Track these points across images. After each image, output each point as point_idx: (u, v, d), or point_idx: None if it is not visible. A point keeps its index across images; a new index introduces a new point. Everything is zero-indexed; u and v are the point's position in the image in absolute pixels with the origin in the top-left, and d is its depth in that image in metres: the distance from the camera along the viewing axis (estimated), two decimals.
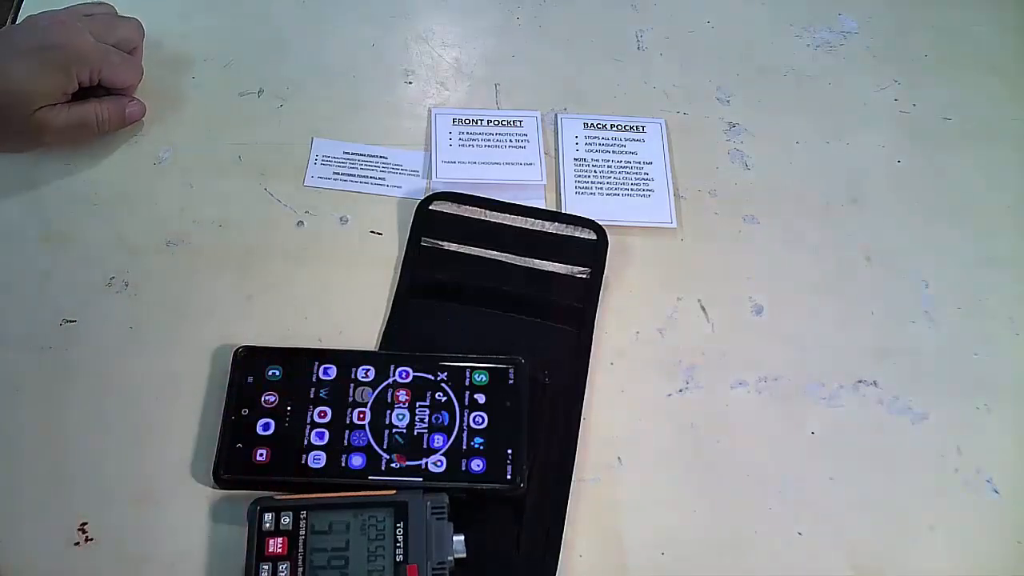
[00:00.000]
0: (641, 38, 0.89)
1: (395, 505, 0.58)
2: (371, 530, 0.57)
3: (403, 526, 0.57)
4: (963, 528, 0.65)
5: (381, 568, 0.56)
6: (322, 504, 0.58)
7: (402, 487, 0.60)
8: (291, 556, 0.56)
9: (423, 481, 0.61)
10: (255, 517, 0.57)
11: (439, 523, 0.57)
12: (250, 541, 0.57)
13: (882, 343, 0.72)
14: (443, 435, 0.62)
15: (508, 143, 0.80)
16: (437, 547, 0.57)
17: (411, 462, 0.61)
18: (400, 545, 0.57)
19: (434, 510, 0.58)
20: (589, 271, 0.72)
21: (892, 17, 0.92)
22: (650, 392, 0.68)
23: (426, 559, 0.56)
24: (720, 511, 0.64)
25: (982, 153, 0.83)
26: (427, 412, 0.63)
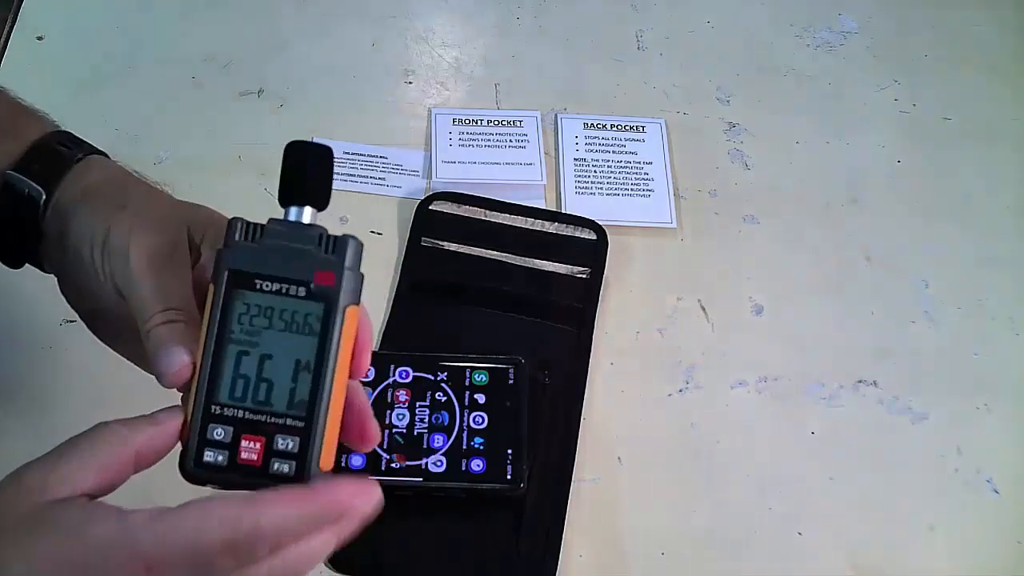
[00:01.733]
0: (641, 38, 0.89)
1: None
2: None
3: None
4: (963, 528, 0.64)
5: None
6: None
7: (401, 488, 0.60)
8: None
9: (423, 482, 0.61)
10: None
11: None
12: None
13: (882, 343, 0.72)
14: (443, 435, 0.62)
15: (508, 143, 0.80)
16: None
17: (411, 462, 0.61)
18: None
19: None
20: (589, 271, 0.72)
21: (892, 17, 0.92)
22: (650, 392, 0.68)
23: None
24: (720, 511, 0.64)
25: (982, 153, 0.83)
26: (427, 412, 0.63)
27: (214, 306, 0.42)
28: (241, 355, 0.42)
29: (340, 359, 0.42)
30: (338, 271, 0.42)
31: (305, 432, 0.42)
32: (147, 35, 0.85)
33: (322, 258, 0.42)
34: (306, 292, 0.42)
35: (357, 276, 0.43)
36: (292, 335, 0.42)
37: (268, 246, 0.43)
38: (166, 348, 0.43)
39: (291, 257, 0.42)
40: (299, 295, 0.42)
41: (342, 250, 0.43)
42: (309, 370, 0.42)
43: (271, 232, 0.43)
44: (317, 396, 0.42)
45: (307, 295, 0.42)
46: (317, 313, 0.42)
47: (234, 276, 0.42)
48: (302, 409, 0.42)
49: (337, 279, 0.42)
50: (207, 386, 0.42)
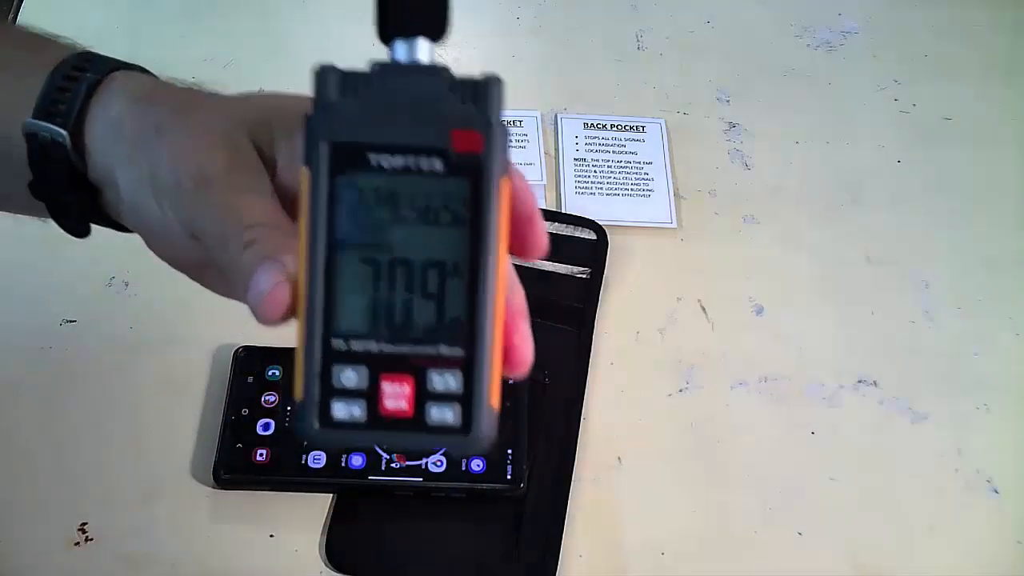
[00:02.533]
0: (641, 38, 0.89)
1: None
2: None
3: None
4: (963, 528, 0.64)
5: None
6: None
7: (401, 488, 0.60)
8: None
9: (423, 481, 0.61)
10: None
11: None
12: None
13: (882, 343, 0.72)
14: None
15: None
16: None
17: (411, 462, 0.61)
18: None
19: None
20: (589, 271, 0.72)
21: (892, 17, 0.92)
22: (650, 392, 0.68)
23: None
24: (720, 511, 0.64)
25: (982, 153, 0.83)
26: None
27: (313, 199, 0.30)
28: (363, 264, 0.31)
29: (500, 253, 0.31)
30: (485, 129, 0.31)
31: (468, 362, 0.31)
32: (147, 35, 0.85)
33: (460, 111, 0.31)
34: (444, 164, 0.31)
35: (506, 132, 0.32)
36: (431, 228, 0.31)
37: (379, 101, 0.31)
38: (256, 276, 0.33)
39: (415, 114, 0.31)
40: (435, 170, 0.30)
41: (485, 96, 0.31)
42: (461, 275, 0.31)
43: (379, 80, 0.31)
44: (478, 310, 0.31)
45: (446, 169, 0.30)
46: (463, 193, 0.31)
47: (337, 151, 0.30)
48: (459, 331, 0.31)
49: (486, 141, 0.31)
50: (321, 314, 0.31)
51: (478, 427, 0.31)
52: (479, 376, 0.31)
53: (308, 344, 0.31)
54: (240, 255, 0.34)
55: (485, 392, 0.31)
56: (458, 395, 0.31)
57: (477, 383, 0.31)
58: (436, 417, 0.31)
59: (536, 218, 0.34)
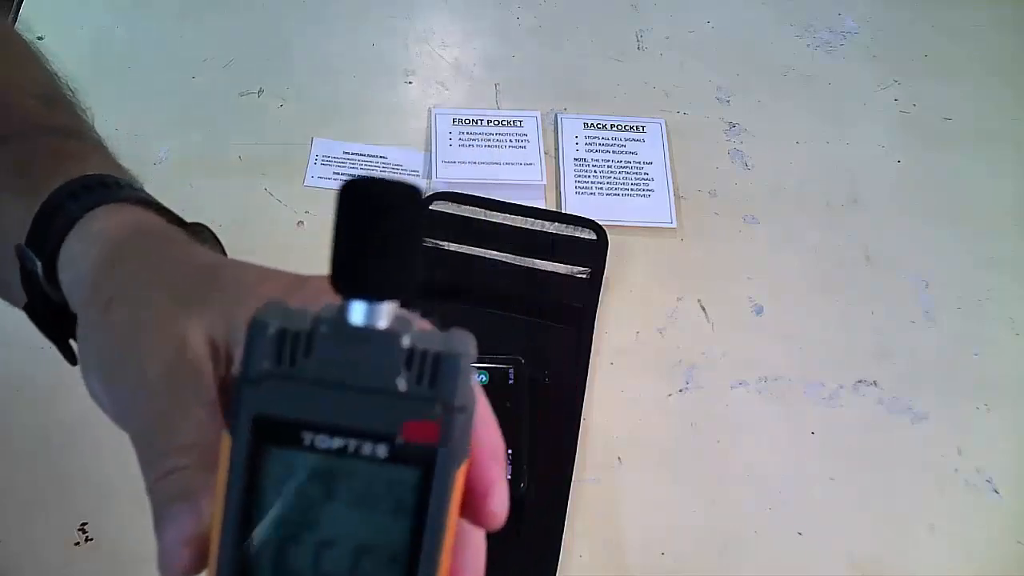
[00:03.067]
0: (641, 38, 0.89)
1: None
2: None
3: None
4: (963, 528, 0.64)
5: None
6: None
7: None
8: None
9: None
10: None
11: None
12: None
13: (882, 343, 0.72)
14: None
15: (508, 143, 0.80)
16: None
17: None
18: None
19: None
20: (589, 271, 0.72)
21: (892, 17, 0.92)
22: (650, 392, 0.68)
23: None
24: (720, 511, 0.64)
25: (982, 153, 0.83)
26: None
27: (231, 470, 0.26)
28: (284, 546, 0.27)
29: (446, 542, 0.27)
30: (444, 419, 0.26)
31: None
32: (147, 35, 0.85)
33: (414, 397, 0.26)
34: (389, 452, 0.26)
35: (470, 411, 0.27)
36: (367, 513, 0.26)
37: (320, 373, 0.26)
38: (166, 512, 0.29)
39: (361, 395, 0.26)
40: (377, 456, 0.26)
41: (448, 377, 0.26)
42: (399, 562, 0.26)
43: (324, 347, 0.26)
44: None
45: (391, 456, 0.26)
46: (409, 481, 0.26)
47: (263, 425, 0.26)
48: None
49: (442, 431, 0.26)
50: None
51: None
52: None
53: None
54: (158, 480, 0.30)
55: None
56: None
57: None
58: None
59: (495, 491, 0.29)
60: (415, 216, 0.26)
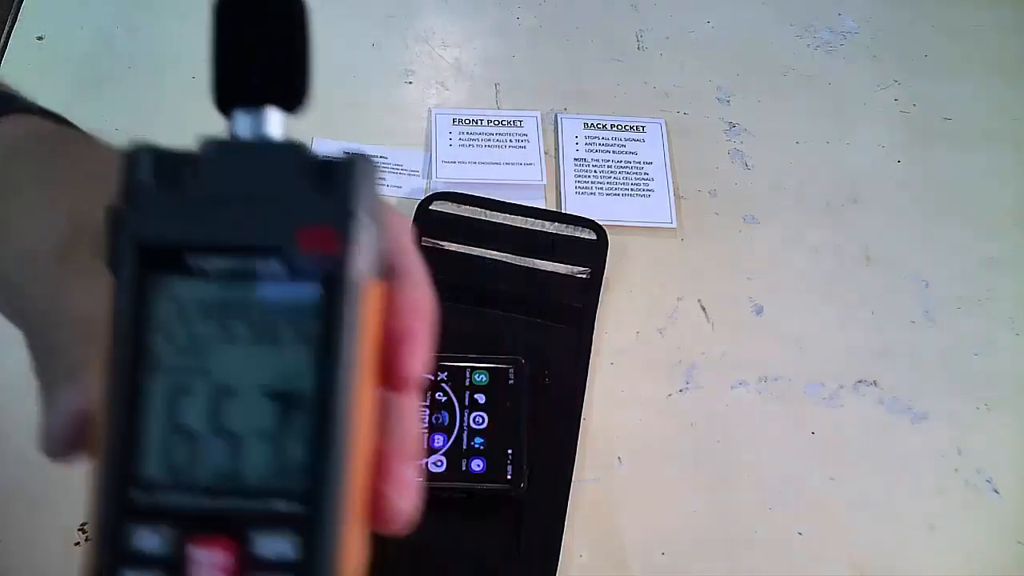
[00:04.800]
0: (641, 38, 0.89)
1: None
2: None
3: None
4: (963, 528, 0.64)
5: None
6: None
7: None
8: None
9: (423, 481, 0.60)
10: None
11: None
12: None
13: (882, 343, 0.72)
14: (443, 435, 0.62)
15: (508, 143, 0.80)
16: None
17: None
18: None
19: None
20: (589, 271, 0.72)
21: (892, 17, 0.92)
22: (650, 392, 0.68)
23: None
24: (720, 511, 0.64)
25: (982, 153, 0.83)
26: (427, 412, 0.63)
27: (116, 313, 0.24)
28: (177, 393, 0.24)
29: (361, 380, 0.24)
30: (343, 224, 0.24)
31: (311, 521, 0.23)
32: (147, 35, 0.85)
33: (309, 201, 0.24)
34: (286, 267, 0.24)
35: (375, 223, 0.24)
36: (268, 348, 0.24)
37: (206, 190, 0.24)
38: (50, 392, 0.27)
39: (252, 206, 0.24)
40: (275, 275, 0.24)
41: (347, 183, 0.24)
42: (306, 406, 0.24)
43: (211, 164, 0.24)
44: (327, 451, 0.23)
45: (290, 273, 0.24)
46: (310, 303, 0.24)
47: (146, 253, 0.24)
48: (301, 479, 0.24)
49: (344, 238, 0.24)
50: (119, 457, 0.24)
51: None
52: (324, 541, 0.23)
53: (100, 494, 0.24)
54: (45, 359, 0.28)
55: (331, 559, 0.23)
56: (295, 564, 0.23)
57: (321, 551, 0.23)
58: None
59: (415, 338, 0.26)
60: (293, 16, 0.25)
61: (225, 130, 0.25)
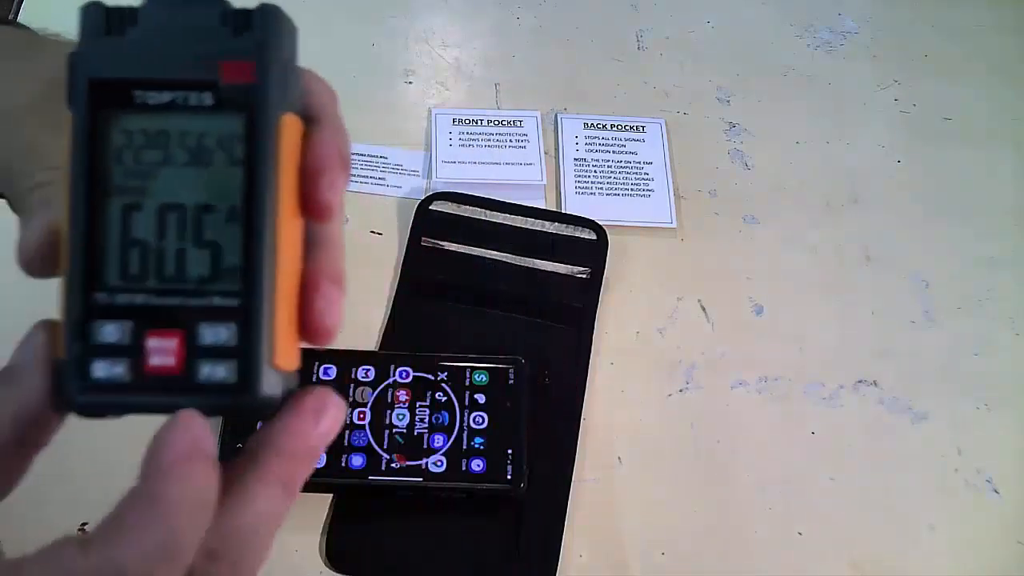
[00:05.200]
0: (641, 38, 0.89)
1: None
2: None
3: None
4: (963, 528, 0.65)
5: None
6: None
7: (401, 488, 0.60)
8: None
9: (422, 482, 0.61)
10: None
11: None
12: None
13: (882, 343, 0.72)
14: (443, 435, 0.62)
15: (508, 143, 0.80)
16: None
17: (411, 462, 0.61)
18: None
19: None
20: (589, 271, 0.72)
21: (892, 17, 0.92)
22: (650, 392, 0.68)
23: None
24: (720, 511, 0.64)
25: (982, 153, 0.83)
26: (427, 412, 0.63)
27: (75, 142, 0.28)
28: (129, 210, 0.29)
29: (283, 194, 0.29)
30: (257, 57, 0.29)
31: (245, 312, 0.28)
32: None
33: (230, 40, 0.29)
34: (214, 98, 0.29)
35: (291, 68, 0.30)
36: (203, 169, 0.29)
37: (146, 35, 0.29)
38: (29, 218, 0.31)
39: (182, 46, 0.29)
40: (204, 105, 0.29)
41: (261, 25, 0.29)
42: (237, 219, 0.28)
43: (146, 15, 0.29)
44: (255, 254, 0.28)
45: (216, 103, 0.29)
46: (236, 129, 0.29)
47: (97, 88, 0.29)
48: (235, 278, 0.28)
49: (258, 70, 0.29)
50: (82, 265, 0.29)
51: (255, 384, 0.28)
52: (256, 327, 0.28)
53: (68, 298, 0.29)
54: (27, 196, 0.32)
55: (263, 345, 0.28)
56: (232, 349, 0.28)
57: (254, 336, 0.28)
58: (206, 374, 0.28)
59: (327, 172, 0.30)
60: None
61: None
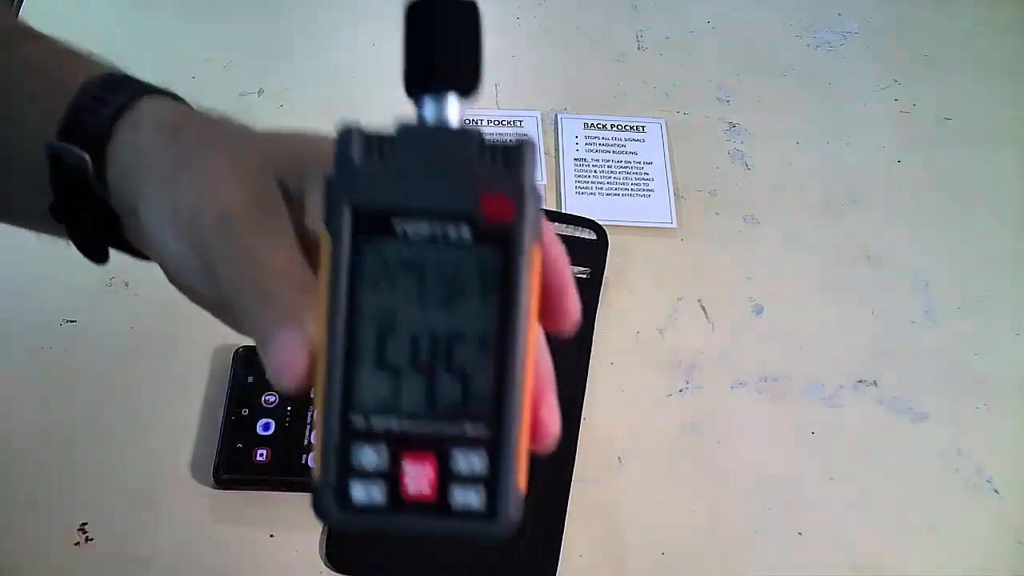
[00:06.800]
0: (641, 38, 0.89)
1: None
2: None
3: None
4: (963, 528, 0.64)
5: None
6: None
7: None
8: None
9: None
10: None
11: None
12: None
13: (882, 343, 0.72)
14: None
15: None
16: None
17: None
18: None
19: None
20: (589, 271, 0.72)
21: (892, 17, 0.92)
22: (650, 392, 0.68)
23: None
24: (720, 511, 0.64)
25: (982, 153, 0.83)
26: None
27: (334, 267, 0.29)
28: (383, 336, 0.29)
29: (530, 326, 0.29)
30: (516, 195, 0.29)
31: (495, 442, 0.29)
32: (147, 35, 0.85)
33: (490, 175, 0.29)
34: (472, 231, 0.29)
35: (538, 198, 0.30)
36: (456, 298, 0.29)
37: (405, 164, 0.29)
38: (273, 337, 0.31)
39: (443, 178, 0.29)
40: (463, 238, 0.29)
41: (518, 160, 0.29)
42: (489, 349, 0.29)
43: (405, 142, 0.29)
44: (506, 387, 0.29)
45: (475, 237, 0.29)
46: (492, 262, 0.29)
47: (360, 216, 0.29)
48: (486, 409, 0.29)
49: (518, 207, 0.29)
50: (340, 388, 0.29)
51: (504, 511, 0.29)
52: (506, 457, 0.29)
53: (326, 420, 0.29)
54: (259, 309, 0.32)
55: (512, 474, 0.29)
56: (483, 477, 0.29)
57: (504, 464, 0.29)
58: (460, 501, 0.29)
59: (569, 290, 0.32)
60: (472, 14, 0.31)
61: (415, 115, 0.30)
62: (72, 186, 0.38)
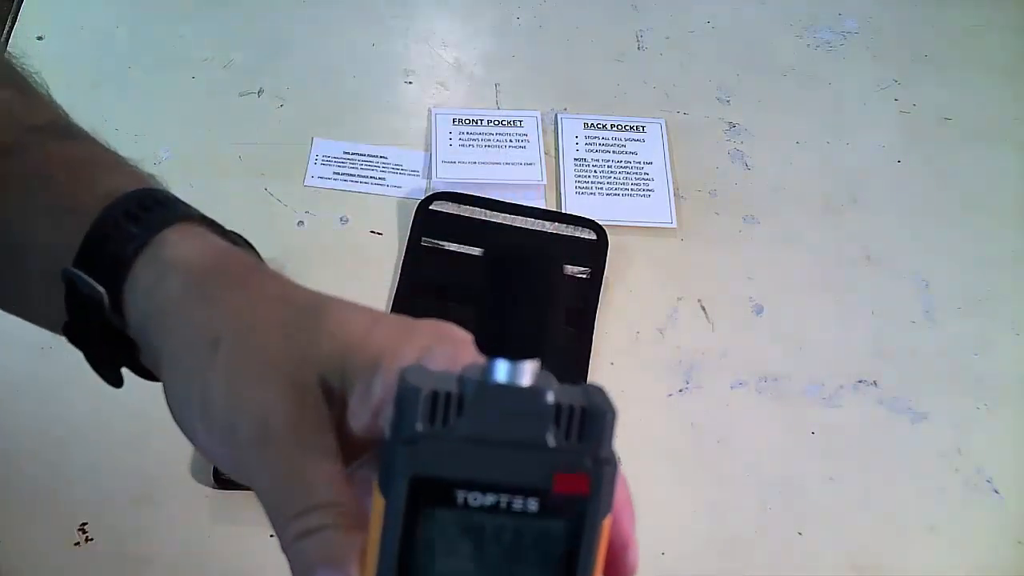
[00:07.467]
0: (641, 38, 0.89)
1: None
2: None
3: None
4: (963, 528, 0.64)
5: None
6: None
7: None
8: None
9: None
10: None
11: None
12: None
13: (882, 343, 0.72)
14: None
15: (508, 143, 0.80)
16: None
17: None
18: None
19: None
20: (589, 271, 0.72)
21: (892, 17, 0.92)
22: (650, 392, 0.68)
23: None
24: (720, 511, 0.64)
25: (982, 153, 0.83)
26: None
27: (387, 531, 0.27)
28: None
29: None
30: (594, 472, 0.27)
31: None
32: (147, 35, 0.85)
33: (565, 450, 0.27)
34: (540, 504, 0.27)
35: (615, 465, 0.28)
36: (516, 565, 0.27)
37: (471, 431, 0.27)
38: (312, 569, 0.30)
39: (513, 451, 0.27)
40: (529, 510, 0.27)
41: (596, 431, 0.27)
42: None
43: (472, 404, 0.27)
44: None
45: (542, 509, 0.27)
46: (558, 532, 0.27)
47: (418, 486, 0.27)
48: None
49: (593, 483, 0.27)
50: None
51: None
52: None
53: None
54: (297, 536, 0.30)
55: None
56: None
57: None
58: None
59: (632, 543, 0.31)
60: (554, 282, 0.27)
61: (481, 370, 0.27)
62: (86, 314, 0.37)
